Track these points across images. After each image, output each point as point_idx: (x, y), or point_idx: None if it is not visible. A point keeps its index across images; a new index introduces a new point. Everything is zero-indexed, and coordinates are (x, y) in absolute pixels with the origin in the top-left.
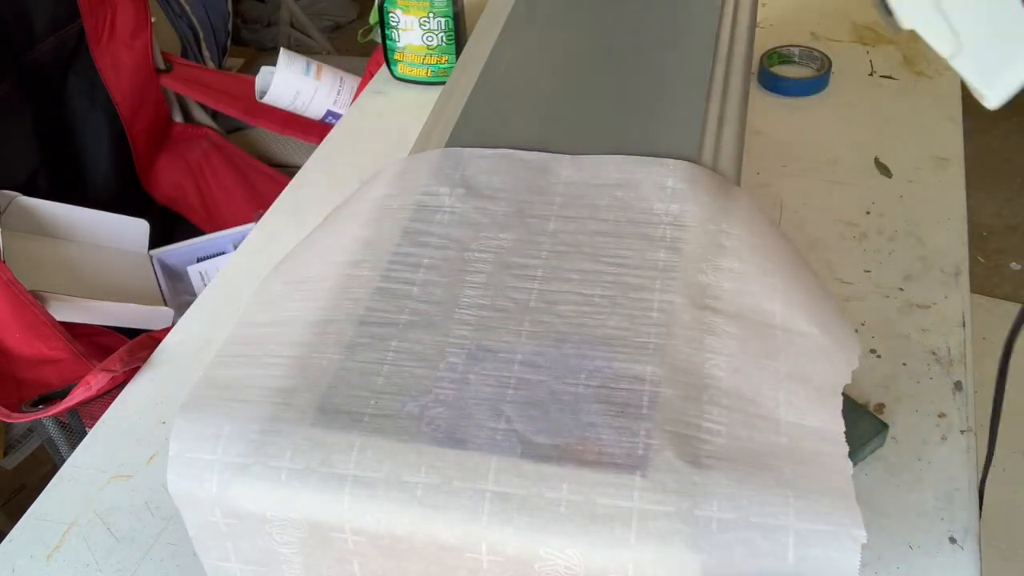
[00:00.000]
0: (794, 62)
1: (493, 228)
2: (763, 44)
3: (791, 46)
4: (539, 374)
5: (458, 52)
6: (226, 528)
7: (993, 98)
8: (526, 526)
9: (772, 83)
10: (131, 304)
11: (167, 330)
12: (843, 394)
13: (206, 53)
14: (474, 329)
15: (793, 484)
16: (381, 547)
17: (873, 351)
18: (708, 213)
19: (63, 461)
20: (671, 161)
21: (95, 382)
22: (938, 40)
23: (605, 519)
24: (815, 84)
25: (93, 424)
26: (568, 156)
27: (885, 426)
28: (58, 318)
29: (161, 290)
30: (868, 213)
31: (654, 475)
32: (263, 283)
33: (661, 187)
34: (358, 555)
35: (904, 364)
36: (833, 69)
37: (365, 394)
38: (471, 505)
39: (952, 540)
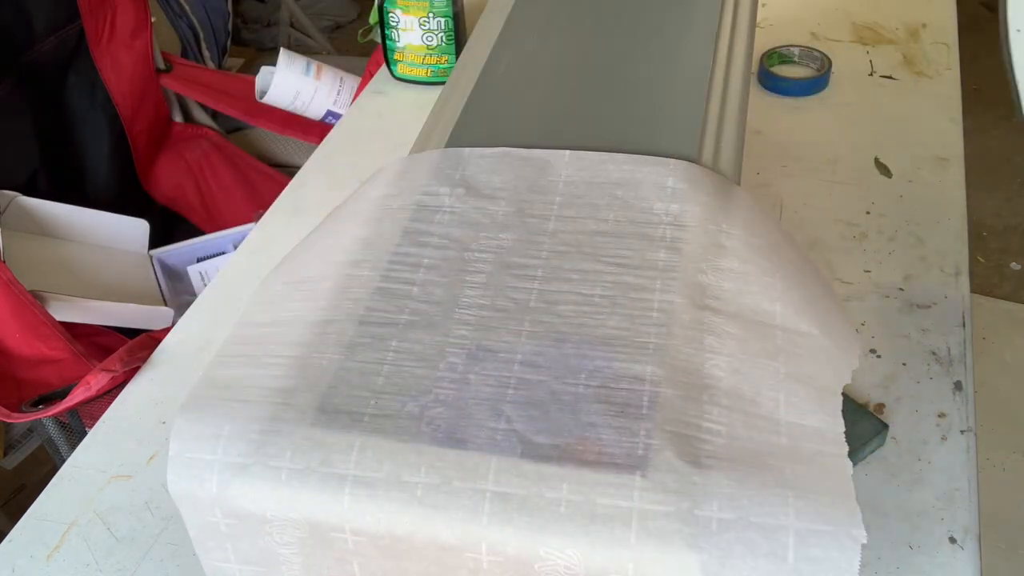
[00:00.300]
0: (794, 62)
1: (493, 228)
2: (763, 44)
3: (791, 46)
4: (539, 374)
5: (458, 52)
6: (226, 528)
7: None
8: (526, 526)
9: (772, 83)
10: (131, 304)
11: (167, 330)
12: (843, 394)
13: (206, 53)
14: (474, 329)
15: (793, 484)
16: (381, 547)
17: (873, 351)
18: (708, 213)
19: (63, 461)
20: (671, 161)
21: (95, 382)
22: None
23: (605, 519)
24: (815, 84)
25: (93, 424)
26: (568, 152)
27: (885, 426)
28: (58, 318)
29: (161, 290)
30: (868, 213)
31: (654, 475)
32: (263, 283)
33: (661, 187)
34: (358, 555)
35: (904, 364)
36: (833, 69)
37: (365, 394)
38: (471, 505)
39: (952, 540)
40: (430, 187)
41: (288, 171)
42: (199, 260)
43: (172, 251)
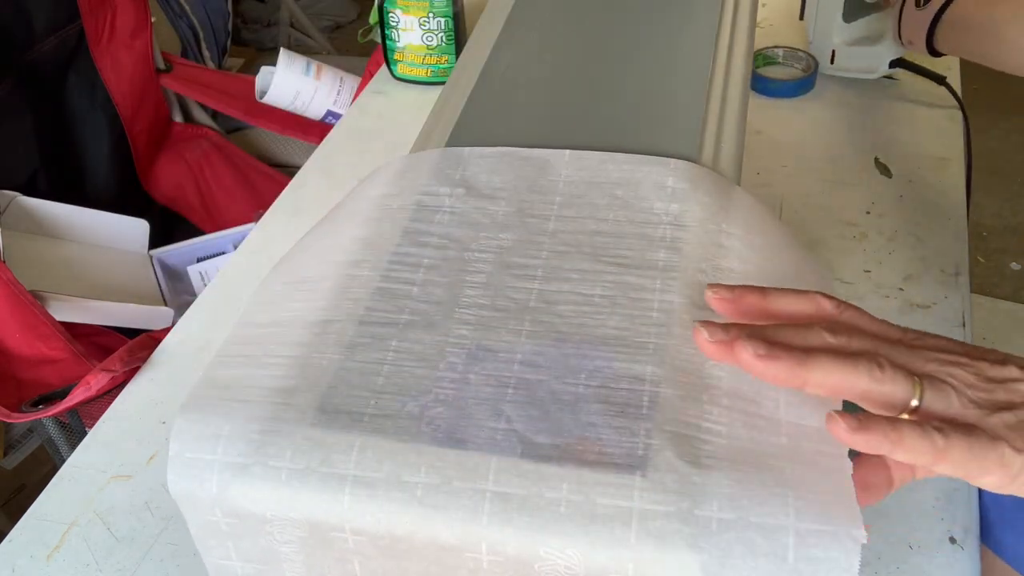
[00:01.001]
0: (778, 63)
1: (493, 228)
2: (760, 44)
3: (775, 47)
4: (539, 374)
5: (458, 52)
6: (227, 528)
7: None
8: (526, 526)
9: (761, 85)
10: (131, 304)
11: (167, 330)
12: None
13: (206, 53)
14: (474, 329)
15: (793, 484)
16: (381, 547)
17: None
18: (708, 213)
19: (63, 461)
20: (672, 160)
21: (95, 382)
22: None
23: (605, 519)
24: (802, 85)
25: (93, 424)
26: (568, 152)
27: None
28: (58, 318)
29: (161, 290)
30: (868, 213)
31: (654, 475)
32: (263, 283)
33: (661, 186)
34: (358, 555)
35: None
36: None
37: (365, 394)
38: (471, 505)
39: (952, 540)
40: (430, 187)
41: (288, 171)
42: (199, 260)
43: (172, 251)
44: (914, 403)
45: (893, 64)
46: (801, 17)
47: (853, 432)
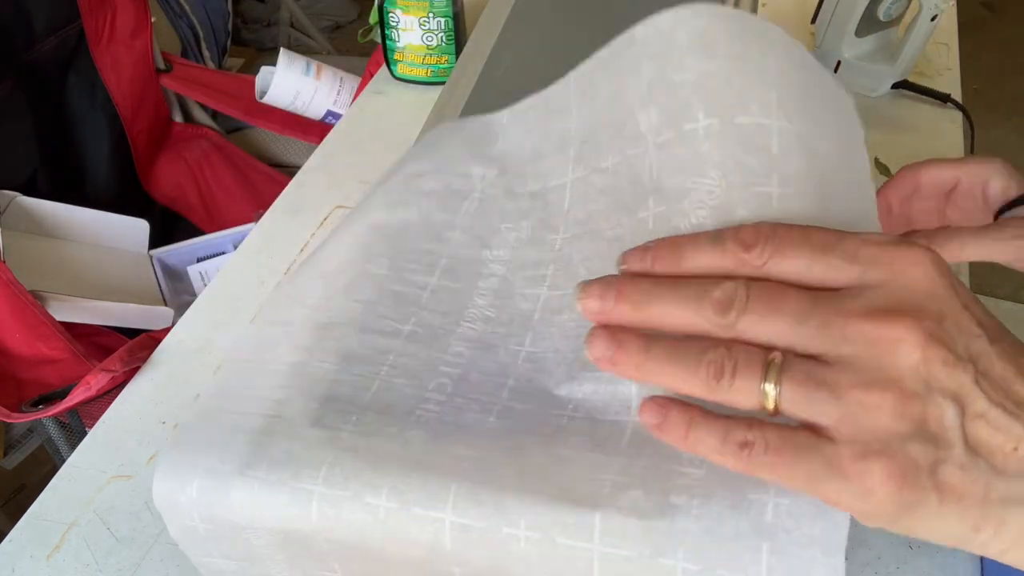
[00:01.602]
0: None
1: (515, 215)
2: None
3: None
4: (526, 402)
5: (458, 52)
6: (204, 532)
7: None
8: (487, 558)
9: None
10: (131, 304)
11: (167, 330)
12: None
13: (206, 53)
14: (473, 347)
15: (771, 531)
16: (356, 557)
17: None
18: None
19: (63, 461)
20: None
21: (95, 382)
22: None
23: (565, 560)
24: None
25: (93, 424)
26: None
27: None
28: (58, 318)
29: (161, 290)
30: None
31: (615, 517)
32: (290, 276)
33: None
34: (335, 558)
35: None
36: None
37: (351, 409)
38: (432, 531)
39: None
40: (463, 167)
41: (288, 171)
42: (199, 260)
43: (172, 251)
44: (770, 407)
45: (896, 86)
46: (812, 21)
47: (652, 429)
